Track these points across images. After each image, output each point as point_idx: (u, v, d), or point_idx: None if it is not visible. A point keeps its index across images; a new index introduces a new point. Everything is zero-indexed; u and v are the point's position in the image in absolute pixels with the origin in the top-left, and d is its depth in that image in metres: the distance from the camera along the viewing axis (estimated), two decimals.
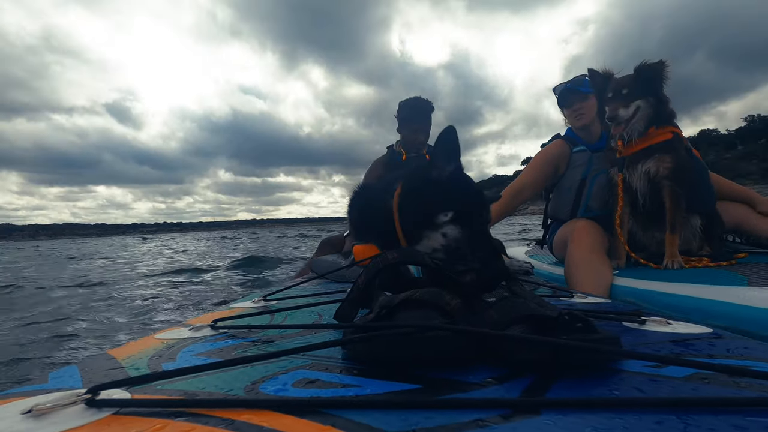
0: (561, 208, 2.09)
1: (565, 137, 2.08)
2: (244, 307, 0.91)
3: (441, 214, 0.85)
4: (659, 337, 0.58)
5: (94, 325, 3.05)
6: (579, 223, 1.88)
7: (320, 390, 0.40)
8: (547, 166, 2.06)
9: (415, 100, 2.46)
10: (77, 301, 4.15)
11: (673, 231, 1.58)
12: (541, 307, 0.51)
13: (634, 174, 1.64)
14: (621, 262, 1.73)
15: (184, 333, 0.66)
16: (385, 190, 1.01)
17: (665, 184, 1.58)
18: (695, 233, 1.67)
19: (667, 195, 1.58)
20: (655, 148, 1.59)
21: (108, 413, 0.34)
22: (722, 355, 0.49)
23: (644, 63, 1.57)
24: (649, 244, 1.73)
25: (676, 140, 1.58)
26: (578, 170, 2.00)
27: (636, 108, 1.58)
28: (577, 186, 2.00)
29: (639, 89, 1.58)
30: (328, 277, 1.39)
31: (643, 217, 1.71)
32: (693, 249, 1.68)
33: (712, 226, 1.67)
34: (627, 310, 0.76)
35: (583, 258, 1.69)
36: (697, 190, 1.63)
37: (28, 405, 0.35)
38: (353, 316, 0.62)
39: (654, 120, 1.59)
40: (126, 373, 0.49)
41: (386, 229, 0.95)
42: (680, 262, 1.54)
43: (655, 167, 1.58)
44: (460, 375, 0.42)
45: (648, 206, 1.66)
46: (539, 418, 0.32)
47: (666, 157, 1.57)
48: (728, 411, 0.33)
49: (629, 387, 0.39)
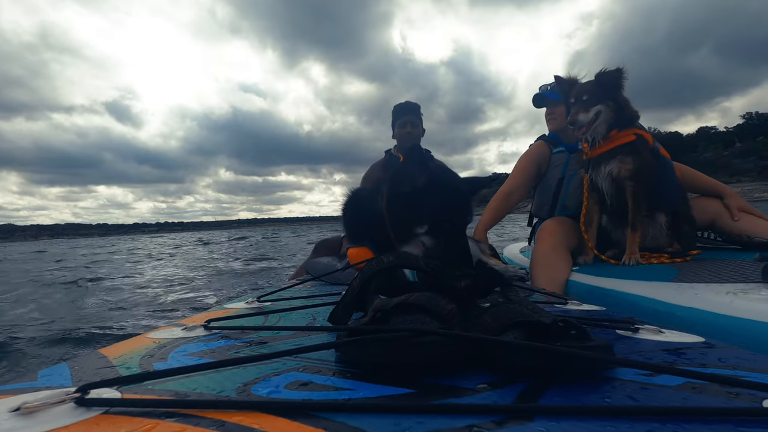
0: (542, 207, 2.20)
1: (547, 138, 2.21)
2: (238, 308, 0.91)
3: (418, 227, 0.98)
4: (652, 345, 0.58)
5: (85, 324, 3.03)
6: (546, 222, 2.00)
7: (313, 393, 0.40)
8: (530, 167, 2.17)
9: (402, 103, 2.63)
10: (69, 299, 4.11)
11: (633, 229, 1.65)
12: (536, 314, 0.51)
13: (599, 175, 1.72)
14: (588, 258, 1.82)
15: (177, 333, 0.65)
16: (375, 194, 1.05)
17: (627, 184, 1.65)
18: (662, 230, 1.72)
19: (629, 195, 1.65)
20: (617, 150, 1.65)
21: (97, 412, 0.34)
22: (714, 365, 0.49)
23: (603, 70, 1.64)
24: (620, 241, 1.79)
25: (639, 141, 1.64)
26: (557, 170, 2.10)
27: (596, 112, 1.67)
28: (555, 185, 2.10)
29: (598, 95, 1.66)
30: (323, 280, 1.39)
31: (614, 215, 1.79)
32: (662, 246, 1.73)
33: (678, 223, 1.71)
34: (620, 318, 0.76)
35: (543, 255, 1.81)
36: (661, 188, 1.69)
37: (17, 403, 0.34)
38: (347, 319, 0.62)
39: (615, 123, 1.66)
40: (117, 372, 0.48)
41: (379, 231, 0.99)
42: (638, 259, 1.61)
43: (617, 168, 1.65)
44: (453, 380, 0.42)
45: (615, 205, 1.73)
46: (532, 425, 0.32)
47: (627, 159, 1.64)
48: (720, 420, 0.33)
49: (622, 395, 0.39)
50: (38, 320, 3.15)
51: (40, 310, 3.54)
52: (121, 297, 4.20)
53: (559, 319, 0.47)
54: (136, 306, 3.69)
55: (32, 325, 2.99)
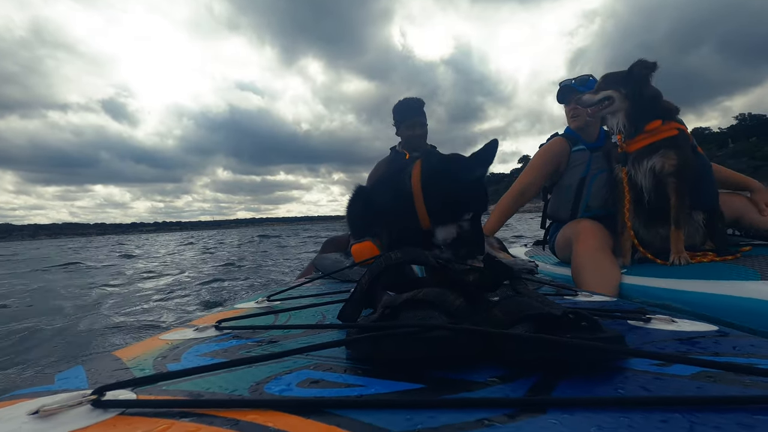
0: (561, 208, 2.07)
1: (565, 135, 2.07)
2: (248, 308, 0.92)
3: (465, 213, 1.04)
4: (664, 335, 0.57)
5: (99, 327, 3.07)
6: (583, 222, 1.87)
7: (324, 390, 0.40)
8: (547, 166, 2.04)
9: (405, 99, 2.56)
10: (83, 303, 4.17)
11: (678, 227, 1.58)
12: (546, 306, 0.51)
13: (639, 170, 1.64)
14: (626, 260, 1.72)
15: (189, 334, 0.66)
16: (399, 173, 1.08)
17: (670, 180, 1.59)
18: (698, 228, 1.67)
19: (672, 191, 1.58)
20: (659, 144, 1.59)
21: (114, 414, 0.34)
22: (728, 353, 0.49)
23: (638, 61, 1.61)
24: (652, 241, 1.72)
25: (681, 137, 1.59)
26: (578, 169, 1.99)
27: (606, 97, 1.65)
28: (577, 185, 1.98)
29: (608, 82, 1.66)
30: (332, 277, 1.39)
31: (647, 213, 1.71)
32: (696, 244, 1.68)
33: (714, 221, 1.67)
34: (631, 308, 0.75)
35: (590, 257, 1.67)
36: (701, 186, 1.63)
37: (35, 406, 0.35)
38: (357, 316, 0.62)
39: (637, 115, 1.62)
40: (131, 373, 0.49)
41: (404, 211, 1.02)
42: (687, 258, 1.53)
43: (660, 163, 1.59)
44: (464, 374, 0.42)
45: (653, 202, 1.65)
46: (545, 417, 0.32)
47: (671, 153, 1.57)
48: (734, 409, 0.32)
49: (635, 386, 0.39)
50: (53, 323, 3.21)
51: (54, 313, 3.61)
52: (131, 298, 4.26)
53: (570, 311, 0.47)
54: (147, 308, 3.74)
55: (47, 328, 3.04)
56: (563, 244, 2.02)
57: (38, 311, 3.78)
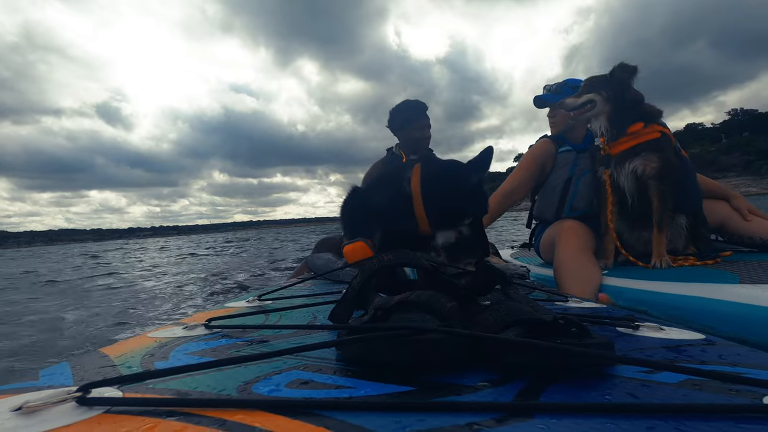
0: (546, 209, 2.10)
1: (552, 137, 2.12)
2: (239, 307, 0.91)
3: (465, 218, 1.06)
4: (652, 342, 0.58)
5: (86, 323, 3.03)
6: (566, 223, 1.87)
7: (314, 391, 0.40)
8: (534, 167, 2.08)
9: (410, 102, 2.51)
10: (71, 299, 4.11)
11: (660, 230, 1.59)
12: (536, 311, 0.51)
13: (622, 172, 1.66)
14: (609, 262, 1.74)
15: (178, 332, 0.65)
16: (398, 177, 1.08)
17: (652, 183, 1.60)
18: (681, 232, 1.69)
19: (655, 194, 1.60)
20: (641, 147, 1.61)
21: (99, 412, 0.34)
22: (715, 362, 0.50)
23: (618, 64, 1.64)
24: (635, 244, 1.74)
25: (664, 140, 1.61)
26: (564, 170, 2.02)
27: (588, 100, 1.67)
28: (562, 186, 2.01)
29: (591, 85, 1.68)
30: (323, 278, 1.39)
31: (630, 216, 1.73)
32: (679, 248, 1.69)
33: (697, 226, 1.69)
34: (621, 315, 0.76)
35: (571, 258, 1.67)
36: (684, 189, 1.65)
37: (18, 402, 0.34)
38: (348, 318, 0.62)
39: (618, 117, 1.64)
40: (118, 371, 0.48)
41: (402, 214, 1.03)
42: (668, 261, 1.55)
43: (642, 166, 1.60)
44: (454, 378, 0.42)
45: (636, 205, 1.67)
46: (532, 422, 0.32)
47: (653, 156, 1.59)
48: (720, 417, 0.33)
49: (622, 392, 0.39)
50: (39, 320, 3.16)
51: (42, 310, 3.56)
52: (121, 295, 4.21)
53: (560, 317, 0.47)
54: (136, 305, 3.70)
55: (33, 325, 3.00)
56: (547, 245, 2.03)
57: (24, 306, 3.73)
